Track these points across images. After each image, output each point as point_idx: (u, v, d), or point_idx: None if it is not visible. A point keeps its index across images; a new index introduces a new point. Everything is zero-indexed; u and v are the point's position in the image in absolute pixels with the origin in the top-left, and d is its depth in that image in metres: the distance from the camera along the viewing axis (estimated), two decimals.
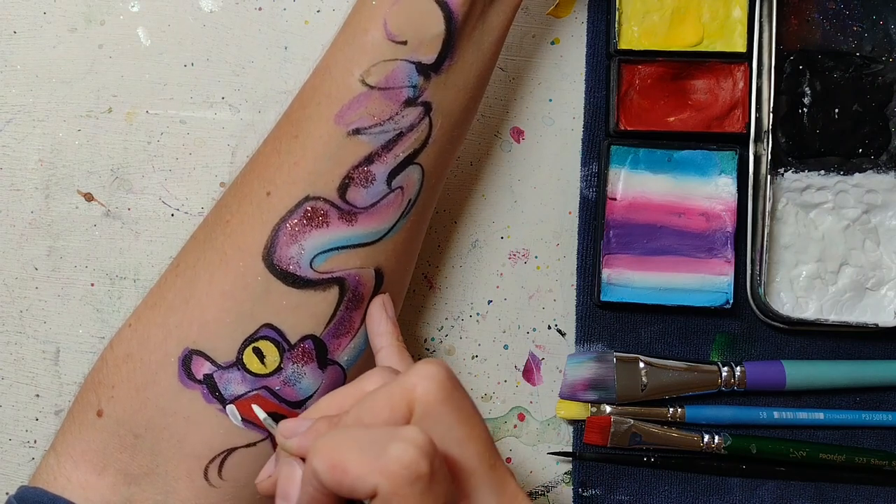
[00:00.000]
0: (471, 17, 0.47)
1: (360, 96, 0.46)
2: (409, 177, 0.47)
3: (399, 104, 0.46)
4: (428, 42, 0.46)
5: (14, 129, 0.56)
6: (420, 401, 0.37)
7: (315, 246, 0.46)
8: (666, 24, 0.55)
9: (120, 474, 0.46)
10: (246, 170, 0.49)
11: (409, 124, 0.47)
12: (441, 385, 0.38)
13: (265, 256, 0.46)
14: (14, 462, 0.55)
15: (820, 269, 0.56)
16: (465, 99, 0.49)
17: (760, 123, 0.55)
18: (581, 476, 0.56)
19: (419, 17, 0.46)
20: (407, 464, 0.34)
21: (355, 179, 0.46)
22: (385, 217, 0.47)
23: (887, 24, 0.56)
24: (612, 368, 0.55)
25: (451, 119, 0.48)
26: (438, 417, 0.37)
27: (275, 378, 0.46)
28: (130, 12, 0.56)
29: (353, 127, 0.46)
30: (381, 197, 0.47)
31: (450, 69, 0.47)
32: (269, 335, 0.46)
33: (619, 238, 0.55)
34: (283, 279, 0.46)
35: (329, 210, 0.46)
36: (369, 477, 0.35)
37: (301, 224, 0.46)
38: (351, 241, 0.46)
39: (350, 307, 0.47)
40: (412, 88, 0.46)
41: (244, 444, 0.46)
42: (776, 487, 0.56)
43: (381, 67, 0.46)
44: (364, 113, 0.46)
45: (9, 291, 0.56)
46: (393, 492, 0.34)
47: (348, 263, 0.46)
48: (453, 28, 0.46)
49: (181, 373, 0.46)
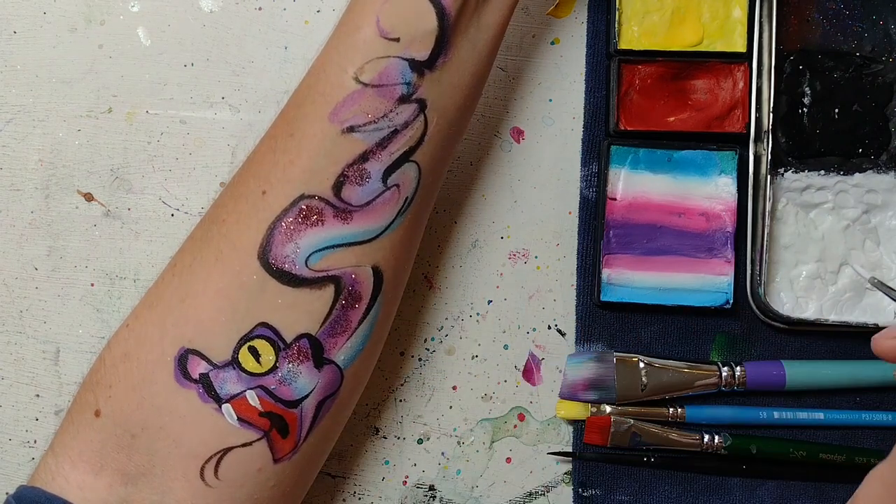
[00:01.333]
0: (464, 14, 0.47)
1: (353, 94, 0.46)
2: (406, 174, 0.47)
3: (393, 101, 0.46)
4: (420, 38, 0.46)
5: (14, 129, 0.56)
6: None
7: (310, 244, 0.46)
8: (666, 24, 0.55)
9: (117, 474, 0.46)
10: (242, 169, 0.49)
11: (404, 121, 0.47)
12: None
13: (260, 255, 0.46)
14: (14, 462, 0.55)
15: (820, 269, 0.56)
16: (461, 97, 0.49)
17: (760, 123, 0.55)
18: (581, 476, 0.56)
19: (411, 14, 0.46)
20: None
21: (350, 177, 0.46)
22: (381, 215, 0.47)
23: (887, 24, 0.56)
24: (612, 368, 0.55)
25: (446, 117, 0.48)
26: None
27: (270, 377, 0.46)
28: (130, 12, 0.56)
29: (347, 125, 0.46)
30: (376, 195, 0.47)
31: (444, 66, 0.47)
32: (265, 334, 0.46)
33: (619, 238, 0.55)
34: (279, 278, 0.46)
35: (324, 208, 0.46)
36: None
37: (296, 222, 0.46)
38: (346, 239, 0.46)
39: (346, 306, 0.47)
40: (406, 85, 0.46)
41: (240, 443, 0.46)
42: (776, 487, 0.56)
43: (374, 64, 0.46)
44: (358, 110, 0.46)
45: (9, 291, 0.56)
46: None
47: (344, 262, 0.46)
48: (446, 24, 0.46)
49: (177, 372, 0.46)
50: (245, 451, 0.46)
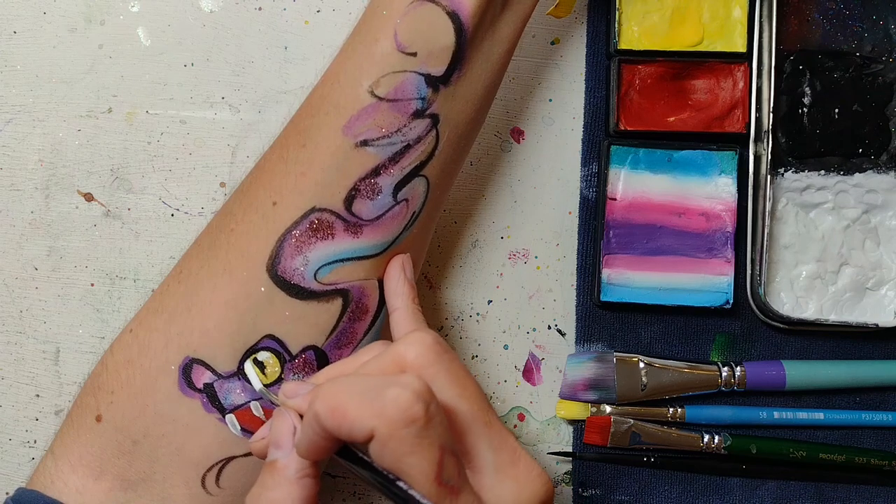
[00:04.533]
0: (481, 29, 0.46)
1: (368, 107, 0.45)
2: (415, 189, 0.47)
3: (407, 116, 0.46)
4: (437, 54, 0.46)
5: (14, 129, 0.56)
6: (411, 365, 0.39)
7: (320, 258, 0.46)
8: (666, 24, 0.55)
9: (117, 479, 0.46)
10: (251, 177, 0.48)
11: (417, 136, 0.46)
12: (430, 348, 0.39)
13: (269, 267, 0.45)
14: (14, 462, 0.55)
15: (820, 269, 0.56)
16: (472, 111, 0.48)
17: (760, 123, 0.55)
18: (581, 476, 0.56)
19: (429, 29, 0.45)
20: (403, 407, 0.35)
21: (362, 191, 0.46)
22: (389, 229, 0.47)
23: (887, 24, 0.56)
24: (612, 368, 0.55)
25: (457, 131, 0.48)
26: (430, 380, 0.38)
27: (275, 388, 0.46)
28: (130, 12, 0.56)
29: (360, 138, 0.45)
30: (386, 209, 0.46)
31: (459, 81, 0.47)
32: (271, 346, 0.45)
33: (619, 238, 0.55)
34: (287, 290, 0.45)
35: (335, 222, 0.46)
36: (367, 420, 0.35)
37: (307, 235, 0.45)
38: (356, 253, 0.46)
39: (352, 318, 0.47)
40: (421, 101, 0.46)
41: (242, 453, 0.46)
42: (776, 487, 0.56)
43: (390, 79, 0.45)
44: (372, 124, 0.45)
45: (9, 291, 0.56)
46: (389, 434, 0.35)
47: (352, 275, 0.46)
48: (463, 40, 0.46)
49: (181, 381, 0.45)
50: (247, 460, 0.46)
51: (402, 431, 0.35)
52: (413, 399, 0.35)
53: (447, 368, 0.39)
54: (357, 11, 0.56)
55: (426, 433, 0.35)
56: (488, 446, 0.39)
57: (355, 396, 0.36)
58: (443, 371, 0.39)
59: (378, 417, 0.35)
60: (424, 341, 0.39)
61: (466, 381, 0.40)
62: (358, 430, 0.36)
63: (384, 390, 0.36)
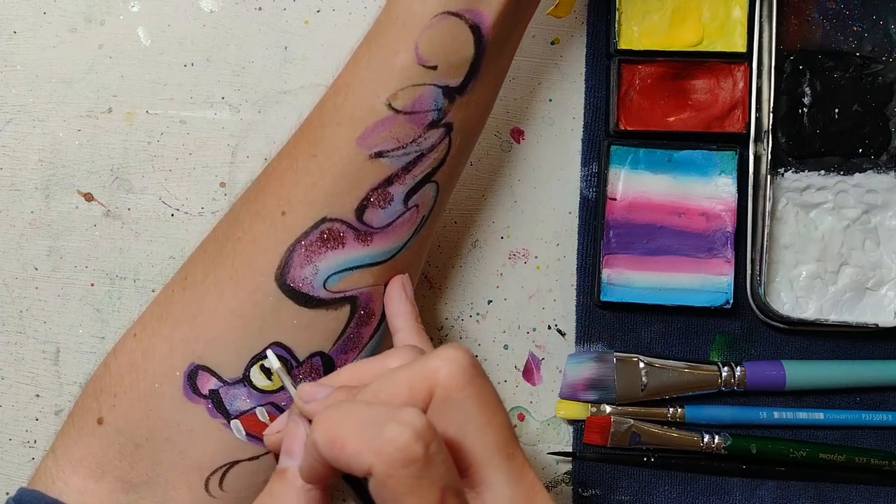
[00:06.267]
0: (497, 40, 0.46)
1: (384, 120, 0.45)
2: (426, 194, 0.47)
3: (423, 127, 0.45)
4: (456, 66, 0.45)
5: (14, 129, 0.56)
6: (442, 385, 0.37)
7: (330, 267, 0.45)
8: (666, 24, 0.55)
9: (118, 481, 0.46)
10: (259, 184, 0.48)
11: (431, 145, 0.46)
12: (464, 370, 0.37)
13: (278, 276, 0.45)
14: (14, 462, 0.55)
15: (820, 269, 0.56)
16: (482, 115, 0.48)
17: (760, 123, 0.55)
18: (581, 476, 0.56)
19: (451, 42, 0.45)
20: (401, 446, 0.34)
21: (373, 201, 0.45)
22: (399, 235, 0.46)
23: (887, 24, 0.56)
24: (612, 368, 0.55)
25: (467, 135, 0.48)
26: (458, 403, 0.37)
27: (282, 394, 0.46)
28: (130, 12, 0.56)
29: (375, 150, 0.45)
30: (397, 216, 0.46)
31: (473, 89, 0.46)
32: (278, 353, 0.45)
33: (619, 238, 0.55)
34: (296, 299, 0.45)
35: (346, 231, 0.45)
36: (365, 456, 0.34)
37: (317, 245, 0.45)
38: (365, 260, 0.46)
39: (359, 324, 0.46)
40: (437, 112, 0.45)
41: (247, 457, 0.46)
42: (776, 487, 0.56)
43: (409, 92, 0.45)
44: (388, 136, 0.45)
45: (9, 291, 0.56)
46: (387, 474, 0.34)
47: (361, 282, 0.46)
48: (481, 51, 0.45)
49: (186, 387, 0.45)
50: (251, 464, 0.46)
51: (401, 471, 0.34)
52: (412, 439, 0.34)
53: (478, 394, 0.37)
54: (357, 12, 0.57)
55: (426, 473, 0.34)
56: (507, 479, 0.37)
57: (355, 430, 0.35)
58: (473, 396, 0.37)
59: (376, 455, 0.34)
60: (460, 362, 0.37)
61: (496, 410, 0.38)
62: (356, 465, 0.34)
63: (384, 426, 0.34)
